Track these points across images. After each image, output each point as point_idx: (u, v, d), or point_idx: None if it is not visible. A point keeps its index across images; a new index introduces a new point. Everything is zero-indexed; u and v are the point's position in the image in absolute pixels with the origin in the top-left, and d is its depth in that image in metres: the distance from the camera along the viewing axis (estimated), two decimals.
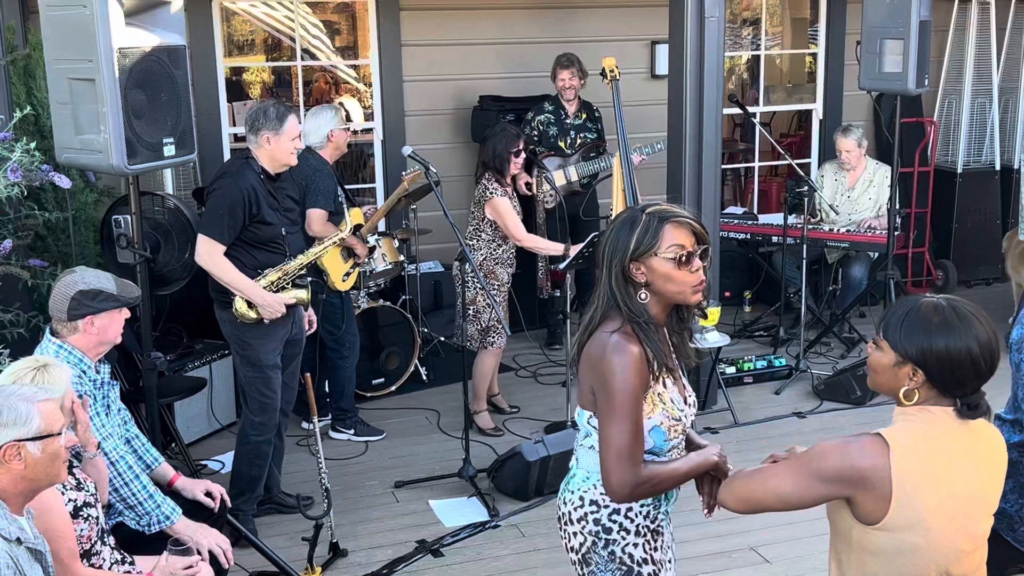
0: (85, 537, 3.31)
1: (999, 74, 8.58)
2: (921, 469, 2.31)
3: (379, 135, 7.69)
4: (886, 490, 2.29)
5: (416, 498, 5.31)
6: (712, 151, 6.02)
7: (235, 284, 4.55)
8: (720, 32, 5.91)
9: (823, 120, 8.78)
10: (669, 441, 2.72)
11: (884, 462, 2.29)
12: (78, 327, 3.70)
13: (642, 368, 2.60)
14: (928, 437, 2.35)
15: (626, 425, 2.58)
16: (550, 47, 7.63)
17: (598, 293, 2.70)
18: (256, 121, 4.59)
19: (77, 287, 3.69)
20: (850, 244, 7.21)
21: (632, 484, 2.58)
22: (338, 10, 10.62)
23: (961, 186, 8.54)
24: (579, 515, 2.76)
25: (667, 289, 2.64)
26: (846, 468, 2.32)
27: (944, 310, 2.36)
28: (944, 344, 2.31)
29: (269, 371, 4.74)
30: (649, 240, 2.61)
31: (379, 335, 6.55)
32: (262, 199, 4.57)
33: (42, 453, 2.68)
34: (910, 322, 2.36)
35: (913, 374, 2.35)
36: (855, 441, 2.36)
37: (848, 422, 6.14)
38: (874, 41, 6.41)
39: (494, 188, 5.84)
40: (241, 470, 4.84)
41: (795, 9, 10.64)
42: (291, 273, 4.73)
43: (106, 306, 3.73)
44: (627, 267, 2.62)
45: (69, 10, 3.84)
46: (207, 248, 4.50)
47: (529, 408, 6.39)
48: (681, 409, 2.74)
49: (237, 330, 4.66)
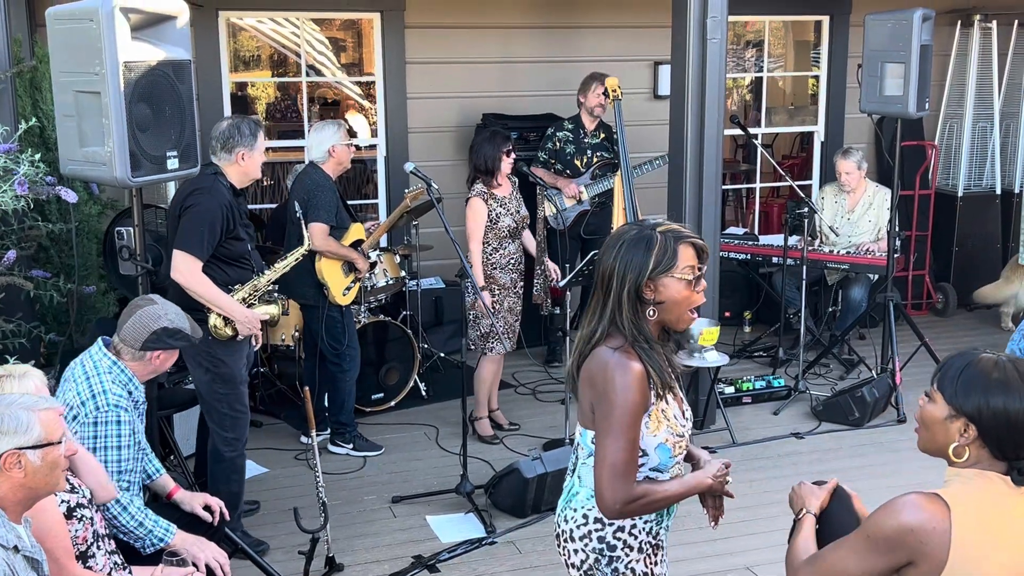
0: (80, 538, 3.32)
1: (1000, 99, 8.62)
2: (982, 536, 2.20)
3: (383, 151, 7.73)
4: (943, 554, 2.19)
5: (413, 513, 5.31)
6: (713, 171, 6.05)
7: (215, 300, 4.54)
8: (722, 54, 5.94)
9: (825, 142, 8.82)
10: (674, 458, 2.74)
11: (945, 526, 2.19)
12: (144, 356, 3.81)
13: (643, 386, 2.62)
14: (988, 501, 2.24)
15: (623, 442, 2.60)
16: (553, 67, 7.69)
17: (597, 309, 2.71)
18: (231, 139, 4.63)
19: (161, 323, 3.78)
20: (850, 266, 7.23)
21: (624, 501, 2.60)
22: (344, 27, 10.69)
23: (962, 210, 8.57)
24: (582, 533, 2.76)
25: (672, 309, 2.67)
26: (904, 534, 2.21)
27: (1005, 367, 2.26)
28: (1003, 403, 2.22)
29: (241, 386, 4.77)
30: (668, 260, 2.63)
31: (379, 350, 6.57)
32: (235, 215, 4.62)
33: (42, 462, 2.70)
34: (968, 376, 2.27)
35: (965, 429, 2.26)
36: (909, 501, 2.24)
37: (846, 443, 6.15)
38: (875, 64, 6.44)
39: (474, 189, 5.91)
40: (220, 489, 4.75)
41: (798, 32, 10.71)
42: (261, 288, 4.76)
43: (180, 345, 3.87)
44: (642, 286, 2.63)
45: (76, 23, 3.87)
46: (187, 264, 4.47)
47: (528, 425, 6.41)
48: (683, 424, 2.77)
49: (209, 347, 4.61)
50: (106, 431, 3.70)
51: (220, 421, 4.77)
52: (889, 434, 6.27)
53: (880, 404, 6.42)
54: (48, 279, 5.16)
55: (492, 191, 5.93)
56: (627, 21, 7.97)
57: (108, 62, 3.80)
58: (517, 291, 6.10)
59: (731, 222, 10.23)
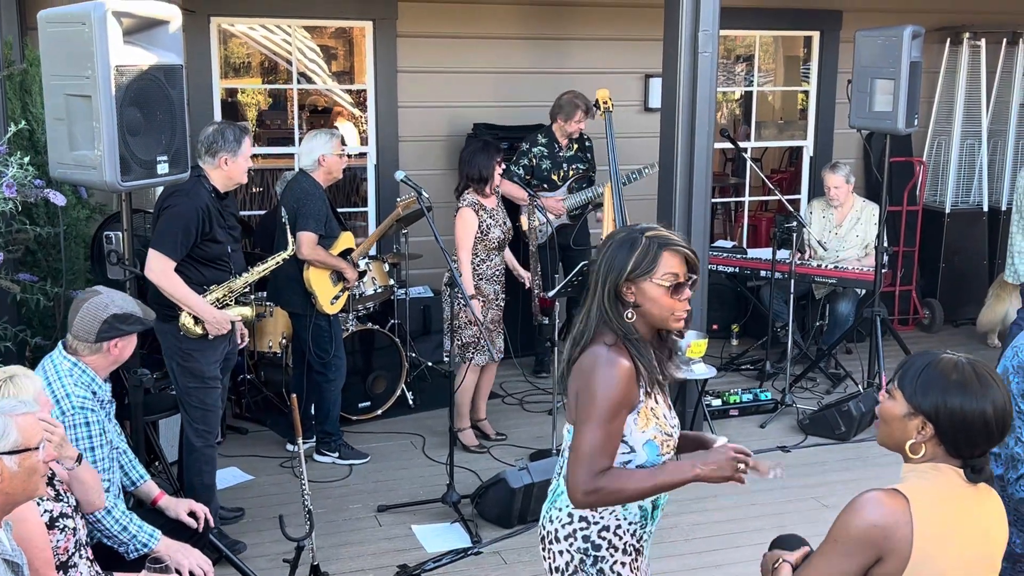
0: (61, 548, 3.30)
1: (988, 116, 8.67)
2: (939, 528, 2.27)
3: (373, 159, 7.73)
4: (906, 548, 2.24)
5: (399, 522, 5.30)
6: (703, 184, 6.06)
7: (185, 300, 4.63)
8: (713, 67, 5.96)
9: (814, 157, 8.85)
10: (661, 456, 2.74)
11: (906, 518, 2.25)
12: (102, 348, 3.78)
13: (629, 382, 2.63)
14: (944, 495, 2.31)
15: (600, 433, 2.60)
16: (545, 78, 7.70)
17: (587, 309, 2.74)
18: (215, 144, 4.71)
19: (110, 310, 3.76)
20: (838, 280, 7.25)
21: (588, 490, 2.60)
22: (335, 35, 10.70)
23: (949, 226, 8.61)
24: (567, 532, 2.76)
25: (652, 312, 2.69)
26: (870, 531, 2.26)
27: (964, 369, 2.32)
28: (959, 403, 2.28)
29: (210, 381, 4.85)
30: (647, 264, 2.66)
31: (367, 358, 6.56)
32: (214, 218, 4.69)
33: (19, 467, 2.65)
34: (927, 376, 2.33)
35: (922, 427, 2.32)
36: (870, 499, 2.29)
37: (832, 457, 6.16)
38: (865, 80, 6.47)
39: (465, 199, 5.91)
40: (193, 481, 4.92)
41: (788, 47, 10.76)
42: (236, 290, 4.83)
43: (134, 329, 3.84)
44: (620, 286, 2.67)
45: (68, 27, 3.86)
46: (159, 264, 4.57)
47: (515, 435, 6.40)
48: (672, 424, 2.78)
49: (179, 342, 4.73)
50: (75, 434, 3.69)
51: (192, 413, 4.88)
52: (875, 449, 6.18)
53: (866, 418, 6.44)
54: (35, 283, 5.14)
55: (482, 202, 5.93)
56: (618, 33, 8.00)
57: (100, 66, 3.80)
58: (499, 303, 6.11)
59: (719, 235, 10.26)
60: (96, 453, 3.74)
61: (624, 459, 2.71)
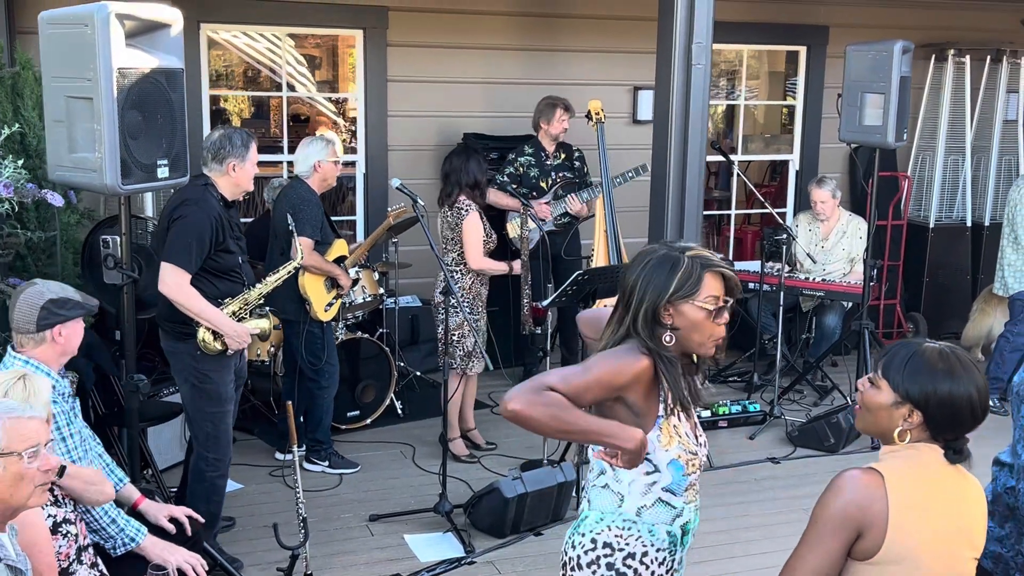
0: (63, 554, 3.26)
1: (972, 132, 8.75)
2: (914, 501, 2.34)
3: (362, 168, 7.71)
4: (883, 523, 2.31)
5: (391, 532, 5.27)
6: (695, 197, 6.06)
7: (203, 314, 4.44)
8: (706, 79, 5.97)
9: (800, 171, 8.90)
10: (687, 476, 2.64)
11: (881, 493, 2.32)
12: (46, 338, 3.66)
13: (635, 373, 2.54)
14: (919, 472, 2.39)
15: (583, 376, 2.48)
16: (535, 88, 7.70)
17: (617, 323, 2.65)
18: (222, 149, 4.54)
19: (45, 297, 3.65)
20: (825, 293, 7.29)
21: (529, 392, 2.42)
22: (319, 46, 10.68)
23: (933, 241, 8.68)
24: (590, 559, 2.65)
25: (691, 337, 2.59)
26: (847, 507, 2.32)
27: (948, 356, 2.40)
28: (948, 389, 2.36)
29: (227, 404, 4.67)
30: (690, 287, 2.56)
31: (356, 367, 6.53)
32: (225, 227, 4.53)
33: (3, 471, 2.58)
34: (914, 365, 2.39)
35: (909, 415, 2.39)
36: (848, 478, 2.36)
37: (822, 469, 6.17)
38: (855, 94, 6.52)
39: (468, 206, 5.91)
40: (199, 508, 4.62)
41: (772, 63, 10.83)
42: (252, 303, 4.68)
43: (74, 313, 3.71)
44: (659, 308, 2.58)
45: (70, 28, 3.83)
46: (174, 277, 4.38)
47: (505, 445, 6.38)
48: (696, 444, 2.68)
49: (196, 362, 4.54)
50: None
51: (204, 441, 4.67)
52: (863, 461, 6.23)
53: (855, 431, 6.46)
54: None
55: (478, 208, 5.95)
56: (608, 46, 8.03)
57: (102, 68, 3.77)
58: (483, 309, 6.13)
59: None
60: (68, 443, 3.64)
61: (649, 480, 2.62)
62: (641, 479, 2.63)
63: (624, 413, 2.61)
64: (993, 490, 3.07)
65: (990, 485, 3.09)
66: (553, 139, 7.07)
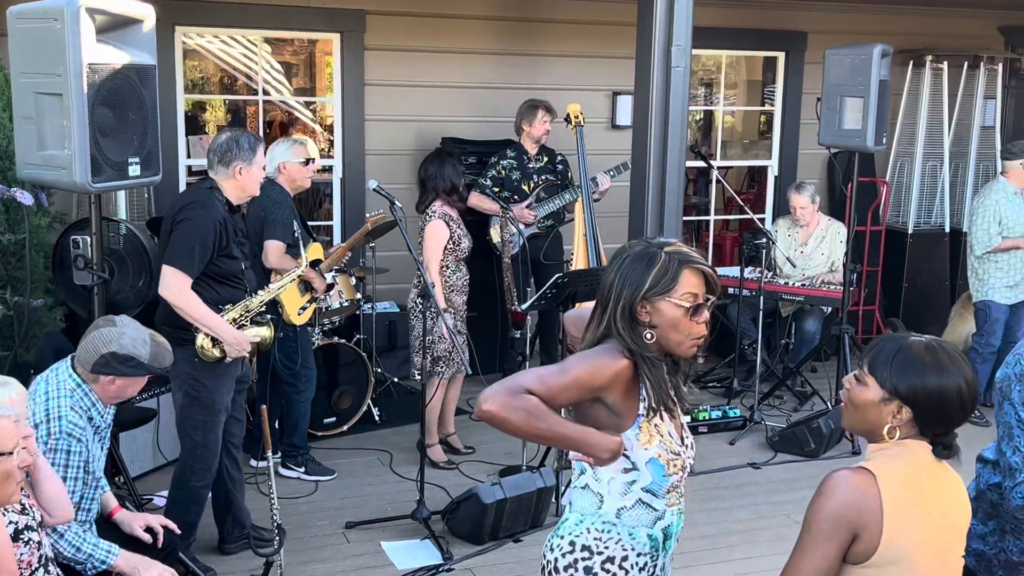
0: (24, 563, 3.17)
1: (950, 138, 8.76)
2: (907, 500, 2.29)
3: (339, 173, 7.64)
4: (878, 523, 2.25)
5: (367, 539, 5.19)
6: (675, 201, 6.01)
7: (204, 320, 4.35)
8: (685, 82, 5.93)
9: (778, 176, 8.90)
10: (668, 477, 2.56)
11: (874, 491, 2.27)
12: (99, 379, 3.63)
13: (613, 374, 2.47)
14: (910, 469, 2.34)
15: (560, 378, 2.42)
16: (513, 93, 7.65)
17: (596, 323, 2.58)
18: (228, 152, 4.44)
19: (111, 347, 3.60)
20: (805, 298, 7.27)
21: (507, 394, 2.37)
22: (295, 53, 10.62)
23: (911, 246, 8.68)
24: (567, 562, 2.58)
25: (668, 336, 2.52)
26: (841, 509, 2.26)
27: (936, 350, 2.36)
28: (937, 383, 2.31)
29: (220, 414, 4.58)
30: (667, 282, 2.49)
31: (332, 373, 6.44)
32: (229, 232, 4.44)
33: None
34: (902, 360, 2.34)
35: (898, 411, 2.33)
36: (839, 479, 2.30)
37: (802, 474, 6.14)
38: (834, 98, 6.51)
39: (435, 211, 5.87)
40: (176, 516, 4.51)
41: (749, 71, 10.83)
42: (253, 310, 4.60)
43: (133, 373, 3.65)
44: (635, 305, 2.51)
45: (39, 23, 3.75)
46: (176, 281, 4.28)
47: (484, 450, 6.31)
48: (680, 445, 2.60)
49: (193, 370, 4.45)
50: (55, 459, 3.53)
51: (192, 449, 4.57)
52: (844, 466, 6.26)
53: (835, 435, 6.44)
54: None
55: (450, 213, 5.89)
56: (587, 51, 8.00)
57: (71, 63, 3.70)
58: (464, 315, 6.05)
59: None
60: (67, 485, 3.55)
61: (628, 479, 2.55)
62: (619, 477, 2.56)
63: (603, 413, 2.54)
64: (976, 487, 3.03)
65: (973, 482, 3.06)
66: (535, 141, 7.02)
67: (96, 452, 3.70)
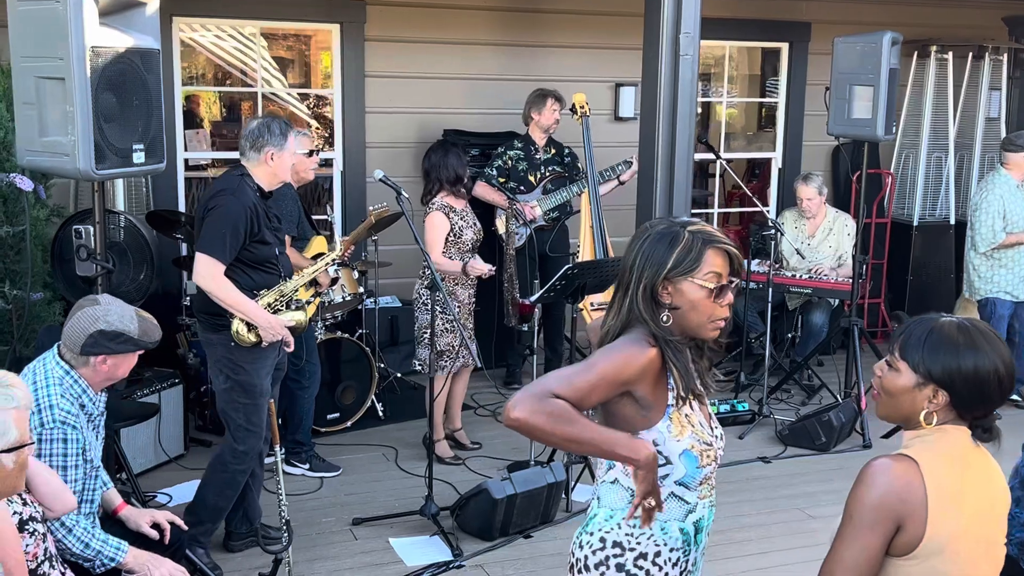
0: (31, 554, 3.07)
1: (955, 130, 8.69)
2: (951, 487, 2.20)
3: (339, 166, 7.53)
4: (922, 513, 2.17)
5: (375, 536, 5.09)
6: (683, 192, 5.92)
7: (238, 305, 4.35)
8: (694, 71, 5.84)
9: (782, 169, 8.82)
10: (702, 468, 2.47)
11: (918, 480, 2.18)
12: (89, 362, 3.51)
13: (642, 365, 2.37)
14: (951, 456, 2.25)
15: (587, 376, 2.32)
16: (516, 84, 7.58)
17: (616, 306, 2.50)
18: (260, 137, 4.44)
19: (98, 325, 3.48)
20: (813, 290, 7.18)
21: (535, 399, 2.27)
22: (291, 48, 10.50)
23: (917, 239, 8.61)
24: (598, 559, 2.49)
25: (689, 318, 2.43)
26: (885, 499, 2.18)
27: (969, 329, 2.26)
28: (973, 364, 2.21)
29: (260, 398, 4.54)
30: (690, 262, 2.41)
31: (335, 368, 6.34)
32: (261, 218, 4.42)
33: (14, 464, 2.49)
34: (934, 341, 2.24)
35: (934, 395, 2.24)
36: (880, 468, 2.21)
37: (814, 468, 6.06)
38: (843, 87, 6.42)
39: (435, 203, 5.79)
40: (207, 499, 4.59)
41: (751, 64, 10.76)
42: (287, 294, 4.58)
43: (124, 349, 3.54)
44: (657, 285, 2.43)
45: (41, 5, 3.64)
46: (208, 268, 4.29)
47: (490, 446, 6.22)
48: (711, 434, 2.52)
49: (230, 353, 4.44)
50: (51, 449, 3.43)
51: (234, 432, 4.56)
52: (856, 459, 6.18)
53: (846, 429, 6.36)
54: None
55: (452, 204, 5.79)
56: (590, 42, 7.90)
57: (74, 46, 3.59)
58: (471, 308, 5.95)
59: None
60: (68, 473, 3.46)
61: (660, 473, 2.43)
62: None
63: (631, 407, 2.45)
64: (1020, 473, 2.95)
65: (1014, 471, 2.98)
66: (544, 132, 6.92)
67: (92, 440, 3.60)
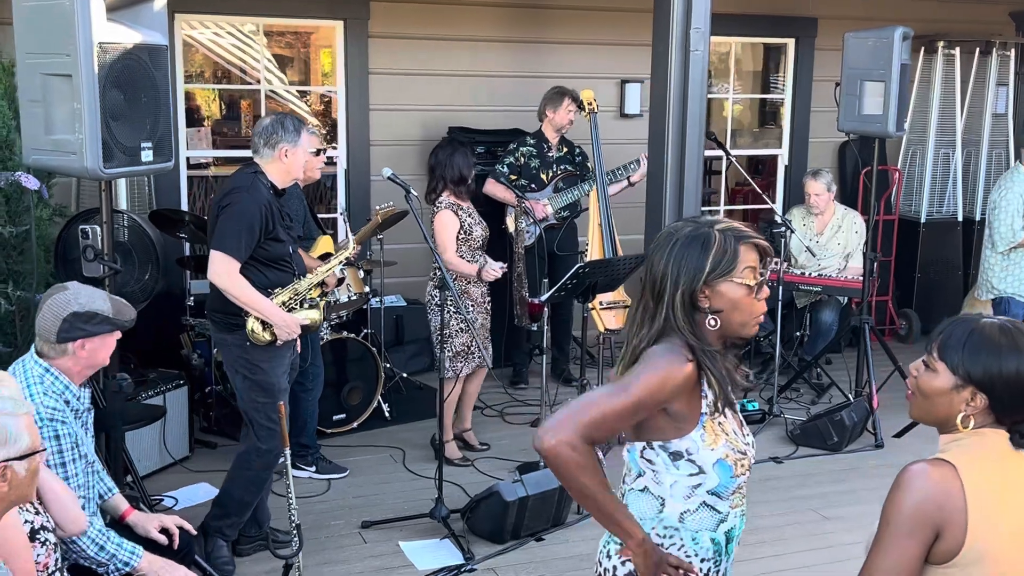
0: (42, 564, 3.00)
1: (962, 126, 8.63)
2: (990, 493, 2.13)
3: (343, 164, 7.46)
4: (962, 520, 2.10)
5: (385, 539, 5.02)
6: (693, 188, 5.86)
7: (253, 303, 4.32)
8: (704, 67, 5.78)
9: (789, 166, 8.75)
10: (736, 478, 2.40)
11: (957, 486, 2.11)
12: (68, 350, 3.42)
13: (680, 382, 2.30)
14: (989, 461, 2.18)
15: (622, 399, 2.26)
16: (521, 81, 7.52)
17: (645, 319, 2.41)
18: (274, 134, 4.41)
19: (70, 308, 3.40)
20: (823, 288, 7.11)
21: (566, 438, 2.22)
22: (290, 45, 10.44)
23: (924, 236, 8.55)
24: (627, 570, 2.43)
25: (732, 319, 2.36)
26: (923, 505, 2.11)
27: (1011, 331, 2.19)
28: (1016, 367, 2.15)
29: (280, 396, 4.50)
30: (727, 263, 2.33)
31: (341, 369, 6.27)
32: (275, 215, 4.39)
33: (26, 472, 2.42)
34: (975, 343, 2.18)
35: (972, 398, 2.18)
36: (917, 473, 2.14)
37: (826, 468, 5.99)
38: (854, 83, 6.35)
39: (442, 202, 5.72)
40: (233, 493, 4.57)
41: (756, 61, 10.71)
42: (302, 293, 4.54)
43: (101, 329, 3.46)
44: (696, 291, 2.35)
45: (48, 0, 3.56)
46: (224, 266, 4.25)
47: (498, 446, 6.15)
48: (744, 442, 2.45)
49: (246, 352, 4.41)
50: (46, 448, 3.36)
51: (259, 432, 4.53)
52: (869, 459, 6.13)
53: (859, 428, 6.29)
54: None
55: (459, 203, 5.72)
56: (595, 38, 7.83)
57: (82, 43, 3.52)
58: (487, 307, 5.87)
59: None
60: (68, 469, 3.40)
61: (693, 482, 2.38)
62: (684, 481, 2.39)
63: (664, 420, 2.37)
64: None
65: None
66: (557, 130, 6.84)
67: (82, 436, 3.52)
